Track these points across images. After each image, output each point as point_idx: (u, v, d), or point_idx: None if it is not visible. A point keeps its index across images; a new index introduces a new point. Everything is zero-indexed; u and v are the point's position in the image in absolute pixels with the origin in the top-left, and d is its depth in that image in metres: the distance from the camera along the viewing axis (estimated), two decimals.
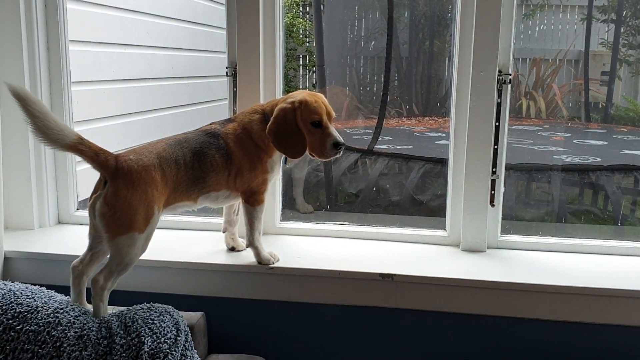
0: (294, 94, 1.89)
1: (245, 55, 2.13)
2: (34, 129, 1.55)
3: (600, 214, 4.05)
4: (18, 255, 2.10)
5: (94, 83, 3.25)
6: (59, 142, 1.58)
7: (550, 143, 5.00)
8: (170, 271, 2.02)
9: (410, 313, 1.94)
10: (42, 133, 1.55)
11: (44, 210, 2.34)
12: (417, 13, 5.42)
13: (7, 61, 2.19)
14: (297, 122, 1.82)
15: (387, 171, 4.18)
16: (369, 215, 4.02)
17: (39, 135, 1.56)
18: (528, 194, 4.15)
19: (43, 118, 1.55)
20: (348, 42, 5.68)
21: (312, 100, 1.83)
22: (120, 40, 3.58)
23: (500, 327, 1.92)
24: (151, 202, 1.68)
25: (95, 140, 1.67)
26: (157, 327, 1.64)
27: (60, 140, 1.58)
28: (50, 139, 1.57)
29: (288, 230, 2.28)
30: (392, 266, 1.95)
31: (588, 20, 5.39)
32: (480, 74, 2.01)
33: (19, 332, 1.61)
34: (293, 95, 1.87)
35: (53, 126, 1.56)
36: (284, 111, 1.81)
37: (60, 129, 1.57)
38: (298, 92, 1.90)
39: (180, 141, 1.80)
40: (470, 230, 2.11)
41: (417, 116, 5.50)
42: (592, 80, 5.40)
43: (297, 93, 1.89)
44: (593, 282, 1.86)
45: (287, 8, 5.35)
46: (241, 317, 2.03)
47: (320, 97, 1.87)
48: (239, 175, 1.87)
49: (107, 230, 1.66)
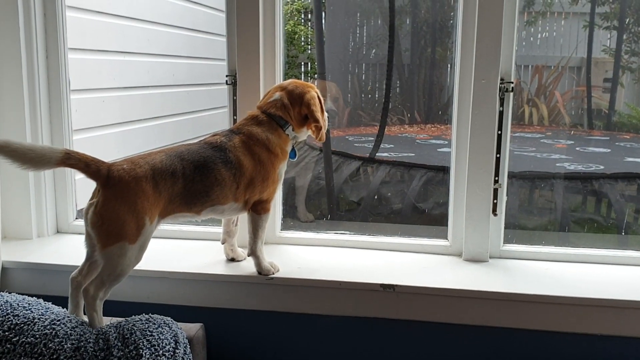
0: (283, 84, 1.95)
1: (245, 64, 2.11)
2: (17, 164, 1.55)
3: (603, 222, 4.03)
4: (16, 266, 2.08)
5: (94, 91, 3.24)
6: (46, 164, 1.59)
7: (553, 151, 4.98)
8: (169, 281, 2.00)
9: (412, 324, 1.92)
10: (25, 165, 1.56)
11: (43, 219, 2.32)
12: (419, 20, 5.42)
13: (5, 69, 2.18)
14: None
15: (388, 179, 4.16)
16: (370, 224, 4.00)
17: (24, 167, 1.56)
18: (530, 203, 4.12)
19: (21, 153, 1.55)
20: (349, 49, 5.67)
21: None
22: (121, 48, 3.58)
23: (503, 338, 1.89)
24: (141, 213, 1.65)
25: (95, 148, 1.67)
26: (155, 339, 1.62)
27: (46, 162, 1.58)
28: (36, 166, 1.58)
29: (288, 239, 2.26)
30: (394, 276, 1.93)
31: (590, 27, 5.38)
32: (482, 82, 2.00)
33: (15, 344, 1.59)
34: (285, 85, 1.94)
35: (32, 155, 1.56)
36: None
37: (41, 154, 1.57)
38: (285, 83, 1.96)
39: (181, 153, 1.77)
40: (473, 239, 2.09)
41: (419, 123, 5.49)
42: (595, 87, 5.38)
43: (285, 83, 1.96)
44: (597, 293, 1.84)
45: (289, 16, 5.35)
46: (241, 329, 2.01)
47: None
48: (250, 187, 1.85)
49: (98, 240, 1.65)
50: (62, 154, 1.60)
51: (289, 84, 1.93)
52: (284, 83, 1.95)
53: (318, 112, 1.89)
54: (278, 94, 1.91)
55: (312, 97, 1.89)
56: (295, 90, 1.91)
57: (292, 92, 1.91)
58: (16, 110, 2.21)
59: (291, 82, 1.94)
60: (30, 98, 2.22)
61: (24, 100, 2.20)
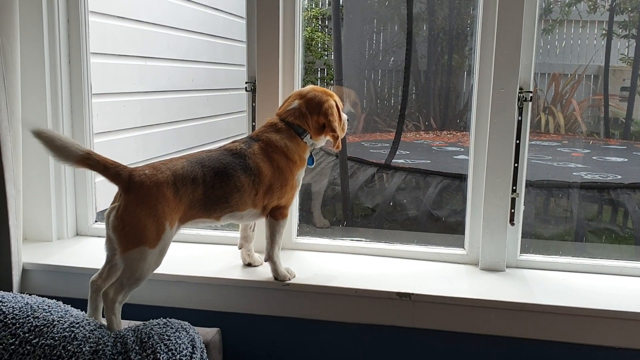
0: (302, 91, 1.96)
1: (264, 71, 2.13)
2: (47, 149, 1.62)
3: (620, 232, 3.99)
4: (36, 268, 2.11)
5: (115, 95, 3.28)
6: (68, 158, 1.63)
7: (570, 159, 4.95)
8: (186, 286, 2.02)
9: (427, 333, 1.92)
10: (52, 151, 1.62)
11: (63, 222, 2.35)
12: (436, 27, 5.41)
13: (29, 74, 2.21)
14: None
15: (404, 186, 4.15)
16: (385, 231, 4.00)
17: (51, 153, 1.62)
18: (547, 212, 4.10)
19: (51, 138, 1.61)
20: (366, 56, 5.68)
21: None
22: (142, 53, 3.61)
23: (519, 349, 1.88)
24: (161, 218, 1.67)
25: (115, 151, 1.69)
26: (172, 344, 1.64)
27: (67, 155, 1.62)
28: (59, 156, 1.62)
29: (304, 245, 2.27)
30: (410, 285, 1.93)
31: (608, 35, 5.34)
32: (501, 91, 2.00)
33: (35, 346, 1.61)
34: (304, 94, 1.94)
35: (59, 143, 1.61)
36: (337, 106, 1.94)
37: (66, 145, 1.62)
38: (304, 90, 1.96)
39: (202, 160, 1.79)
40: (489, 249, 2.08)
41: (435, 130, 5.47)
42: (612, 96, 5.34)
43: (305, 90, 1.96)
44: (614, 305, 1.83)
45: (307, 22, 5.37)
46: (257, 334, 2.02)
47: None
48: (268, 193, 1.86)
49: (119, 243, 1.67)
50: (83, 152, 1.63)
51: (309, 92, 1.93)
52: (303, 90, 1.95)
53: (335, 122, 1.89)
54: (296, 103, 1.92)
55: (330, 107, 1.90)
56: (314, 99, 1.91)
57: (311, 100, 1.91)
58: (39, 113, 2.24)
59: (310, 89, 1.94)
60: (52, 101, 2.26)
61: (46, 103, 2.24)
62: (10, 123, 1.98)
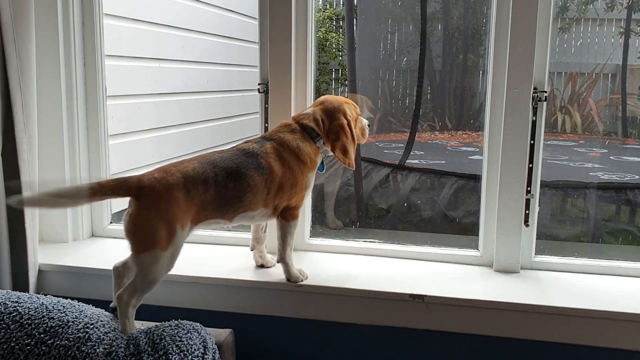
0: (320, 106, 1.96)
1: (277, 73, 2.13)
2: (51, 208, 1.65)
3: (638, 233, 3.94)
4: (52, 268, 2.13)
5: (130, 97, 3.30)
6: (79, 201, 1.68)
7: (586, 159, 4.90)
8: (199, 287, 2.03)
9: (441, 335, 1.91)
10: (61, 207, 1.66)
11: (78, 223, 2.37)
12: (451, 27, 5.39)
13: (45, 76, 2.23)
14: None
15: (418, 186, 4.14)
16: (399, 232, 3.98)
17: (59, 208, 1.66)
18: (563, 212, 4.06)
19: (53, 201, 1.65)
20: (380, 56, 5.66)
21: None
22: (156, 55, 3.63)
23: (534, 351, 1.87)
24: (172, 220, 1.68)
25: (130, 153, 1.70)
26: (184, 345, 1.64)
27: (77, 200, 1.66)
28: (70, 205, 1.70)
29: (317, 246, 2.27)
30: (423, 286, 1.92)
31: (626, 33, 5.28)
32: (515, 91, 1.98)
33: (50, 347, 1.62)
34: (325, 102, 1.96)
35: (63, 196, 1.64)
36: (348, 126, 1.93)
37: (70, 195, 1.64)
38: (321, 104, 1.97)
39: (214, 160, 1.79)
40: (504, 250, 2.07)
41: (450, 130, 5.44)
42: (630, 95, 5.28)
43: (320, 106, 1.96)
44: (631, 307, 1.81)
45: (321, 23, 5.37)
46: (269, 335, 2.02)
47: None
48: (279, 193, 1.87)
49: (131, 247, 1.69)
50: (87, 190, 1.63)
51: (323, 109, 1.95)
52: (322, 105, 1.97)
53: (348, 141, 1.91)
54: (311, 110, 1.95)
55: (341, 125, 1.91)
56: (328, 113, 1.94)
57: (326, 113, 1.94)
58: (54, 115, 2.26)
59: (325, 105, 1.96)
60: (67, 103, 2.28)
61: (61, 105, 2.26)
62: (26, 125, 2.00)
